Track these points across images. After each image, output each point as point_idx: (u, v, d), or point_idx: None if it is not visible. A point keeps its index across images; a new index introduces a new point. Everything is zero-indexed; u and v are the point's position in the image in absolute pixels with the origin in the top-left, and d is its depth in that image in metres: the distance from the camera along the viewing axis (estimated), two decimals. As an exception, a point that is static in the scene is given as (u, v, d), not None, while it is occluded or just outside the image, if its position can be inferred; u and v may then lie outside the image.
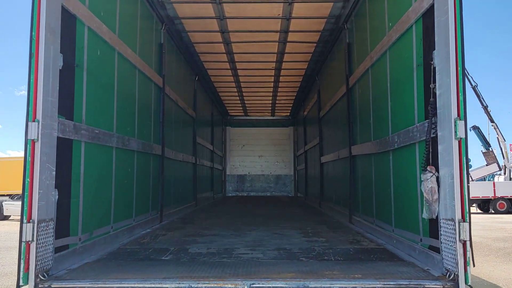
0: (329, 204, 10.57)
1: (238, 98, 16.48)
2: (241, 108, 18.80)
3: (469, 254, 3.32)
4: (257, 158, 20.77)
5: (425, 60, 4.27)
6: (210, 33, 9.22)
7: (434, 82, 3.92)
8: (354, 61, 7.69)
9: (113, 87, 5.50)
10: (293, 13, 8.14)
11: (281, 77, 13.07)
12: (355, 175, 7.76)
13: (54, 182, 3.71)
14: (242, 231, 6.53)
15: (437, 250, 3.91)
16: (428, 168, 3.89)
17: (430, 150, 3.96)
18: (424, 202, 3.91)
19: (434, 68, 3.93)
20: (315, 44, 10.02)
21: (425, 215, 3.97)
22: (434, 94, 3.91)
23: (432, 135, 3.91)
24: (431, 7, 4.02)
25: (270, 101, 17.19)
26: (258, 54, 10.75)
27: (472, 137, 32.09)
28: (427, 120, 3.98)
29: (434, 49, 3.93)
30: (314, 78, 12.54)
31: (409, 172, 4.78)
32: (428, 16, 4.16)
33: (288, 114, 20.38)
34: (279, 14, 8.21)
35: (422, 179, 3.93)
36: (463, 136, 3.45)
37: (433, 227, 4.05)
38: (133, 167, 6.32)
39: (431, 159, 3.96)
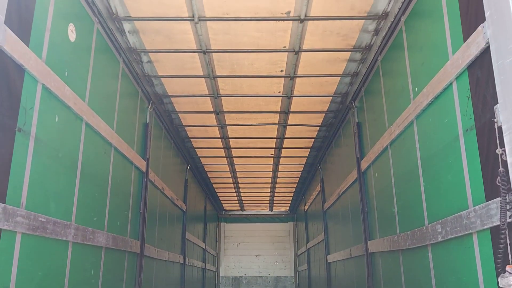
0: (340, 313, 8.93)
1: (234, 190, 15.36)
2: (237, 202, 17.59)
3: None
4: (254, 257, 19.02)
5: (478, 120, 3.25)
6: (203, 114, 8.37)
7: (502, 146, 2.85)
8: (366, 141, 6.72)
9: (76, 165, 4.39)
10: (295, 91, 7.36)
11: (280, 166, 12.09)
12: (375, 277, 6.37)
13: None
14: None
15: None
16: (509, 268, 2.66)
17: (508, 242, 2.76)
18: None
19: (500, 127, 2.89)
20: (318, 128, 9.17)
21: None
22: (504, 162, 2.82)
23: (509, 219, 2.74)
24: (484, 51, 3.10)
25: (269, 194, 16.06)
26: (256, 140, 9.85)
27: None
28: (498, 199, 2.84)
29: (495, 103, 2.93)
30: (316, 167, 11.56)
31: (463, 273, 3.52)
32: (478, 64, 3.22)
33: (287, 208, 19.11)
34: (279, 92, 7.43)
35: (500, 285, 2.67)
36: None
37: None
38: (98, 268, 4.97)
39: (511, 255, 2.75)
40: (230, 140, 9.90)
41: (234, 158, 11.35)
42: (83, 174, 4.53)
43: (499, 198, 2.81)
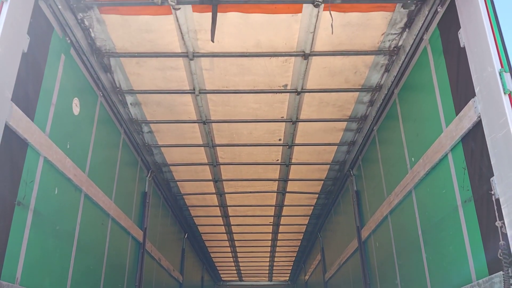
0: None
1: (232, 260, 14.97)
2: (235, 272, 17.07)
3: None
4: (253, 331, 18.15)
5: (475, 192, 3.28)
6: (202, 182, 8.38)
7: (501, 218, 2.86)
8: (365, 209, 6.69)
9: (73, 237, 4.33)
10: (293, 159, 7.44)
11: (279, 234, 11.89)
12: None
13: None
14: None
15: None
16: None
17: (516, 319, 2.68)
18: None
19: (497, 199, 2.91)
20: (317, 195, 9.14)
21: None
22: (505, 235, 2.81)
23: (514, 295, 2.68)
24: (476, 125, 3.20)
25: (268, 263, 15.64)
26: (254, 207, 9.77)
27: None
28: (501, 273, 2.79)
29: (491, 175, 2.98)
30: (316, 235, 11.37)
31: None
32: (472, 137, 3.31)
33: (287, 278, 18.52)
34: (277, 160, 7.50)
35: None
36: None
37: None
38: None
39: (520, 333, 2.65)
40: (228, 208, 9.82)
41: (232, 226, 11.19)
42: (79, 246, 4.45)
43: (501, 272, 2.77)
